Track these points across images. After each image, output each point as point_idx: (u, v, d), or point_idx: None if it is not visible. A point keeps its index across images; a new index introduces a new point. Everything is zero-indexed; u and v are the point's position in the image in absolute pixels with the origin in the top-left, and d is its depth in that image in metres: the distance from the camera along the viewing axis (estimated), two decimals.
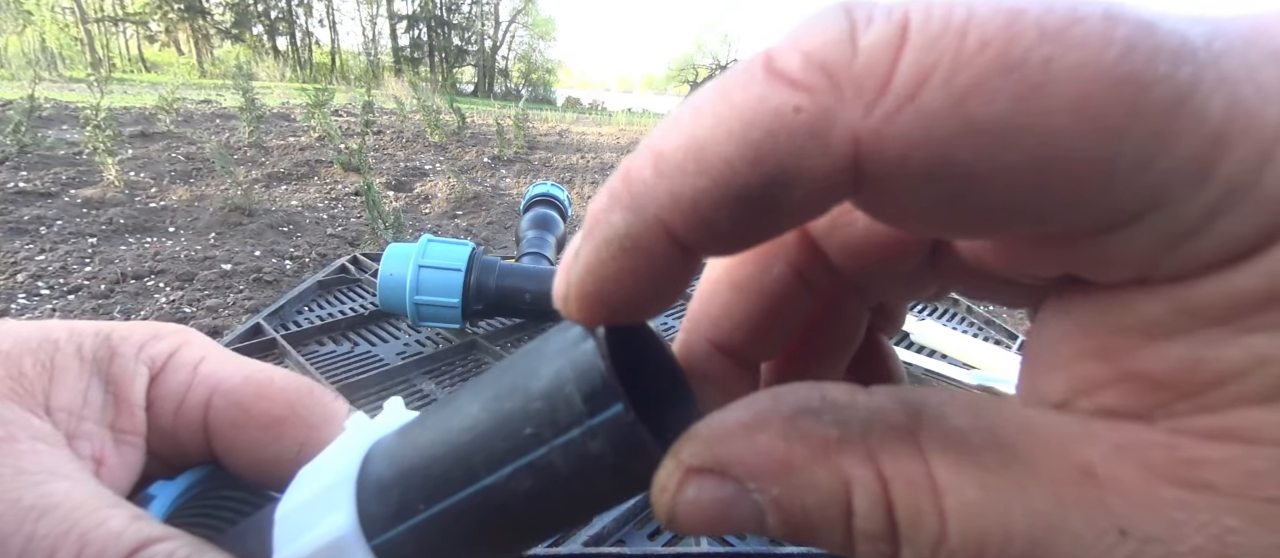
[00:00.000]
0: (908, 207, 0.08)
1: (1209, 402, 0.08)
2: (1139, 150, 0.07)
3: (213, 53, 23.02)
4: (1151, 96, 0.07)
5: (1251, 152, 0.07)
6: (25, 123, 3.96)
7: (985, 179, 0.08)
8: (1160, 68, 0.07)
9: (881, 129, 0.08)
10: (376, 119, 7.79)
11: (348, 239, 3.15)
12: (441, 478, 0.11)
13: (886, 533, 0.09)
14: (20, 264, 2.32)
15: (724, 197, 0.09)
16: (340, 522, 0.12)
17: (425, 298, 0.63)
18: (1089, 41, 0.07)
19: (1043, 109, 0.07)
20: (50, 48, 14.39)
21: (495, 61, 27.06)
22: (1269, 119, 0.07)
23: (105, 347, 0.16)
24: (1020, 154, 0.07)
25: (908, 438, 0.10)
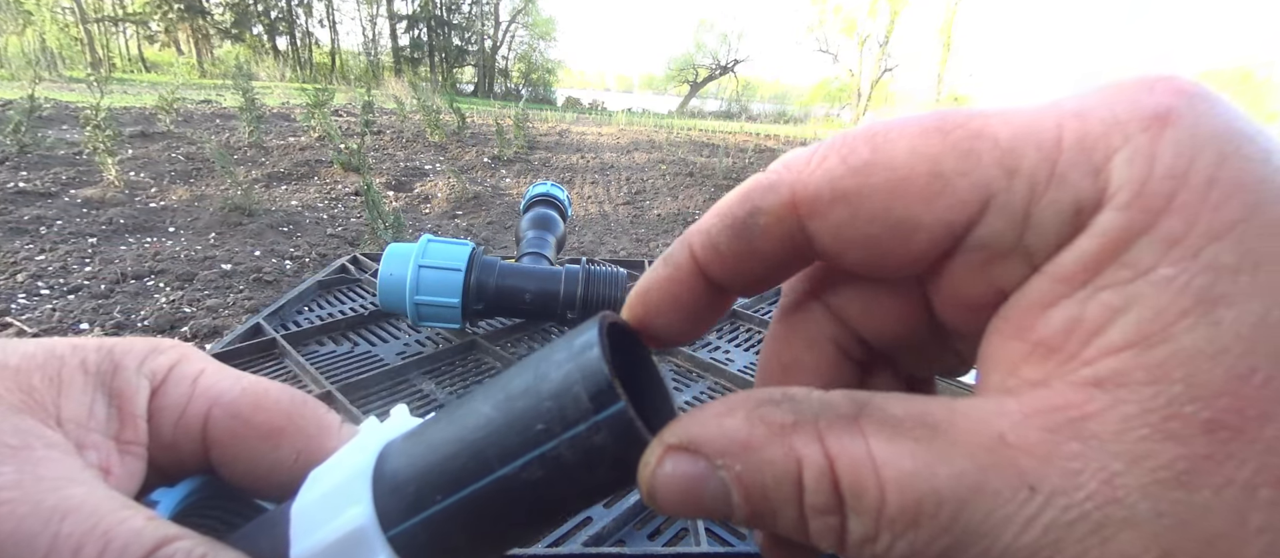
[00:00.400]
0: (837, 230, 0.12)
1: (1086, 357, 0.10)
2: (952, 167, 0.11)
3: (213, 53, 23.02)
4: (951, 139, 0.11)
5: (1040, 155, 0.11)
6: (25, 123, 3.96)
7: (866, 199, 0.12)
8: (955, 118, 0.11)
9: (804, 179, 0.12)
10: (376, 119, 7.79)
11: (348, 239, 3.15)
12: (457, 471, 0.12)
13: (833, 505, 0.11)
14: (20, 264, 2.32)
15: (723, 224, 0.13)
16: (360, 513, 0.13)
17: (425, 298, 0.63)
18: (908, 124, 0.12)
19: (885, 160, 0.12)
20: (50, 48, 14.38)
21: (495, 61, 27.05)
22: (1046, 127, 0.11)
23: (108, 361, 0.16)
24: (877, 184, 0.12)
25: (851, 423, 0.11)
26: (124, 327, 1.94)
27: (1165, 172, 0.10)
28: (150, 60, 21.97)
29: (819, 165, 0.12)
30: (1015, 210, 0.11)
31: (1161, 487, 0.09)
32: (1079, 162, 0.10)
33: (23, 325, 1.87)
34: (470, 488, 0.12)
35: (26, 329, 1.85)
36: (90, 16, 19.93)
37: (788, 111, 31.21)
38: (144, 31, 22.82)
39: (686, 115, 24.49)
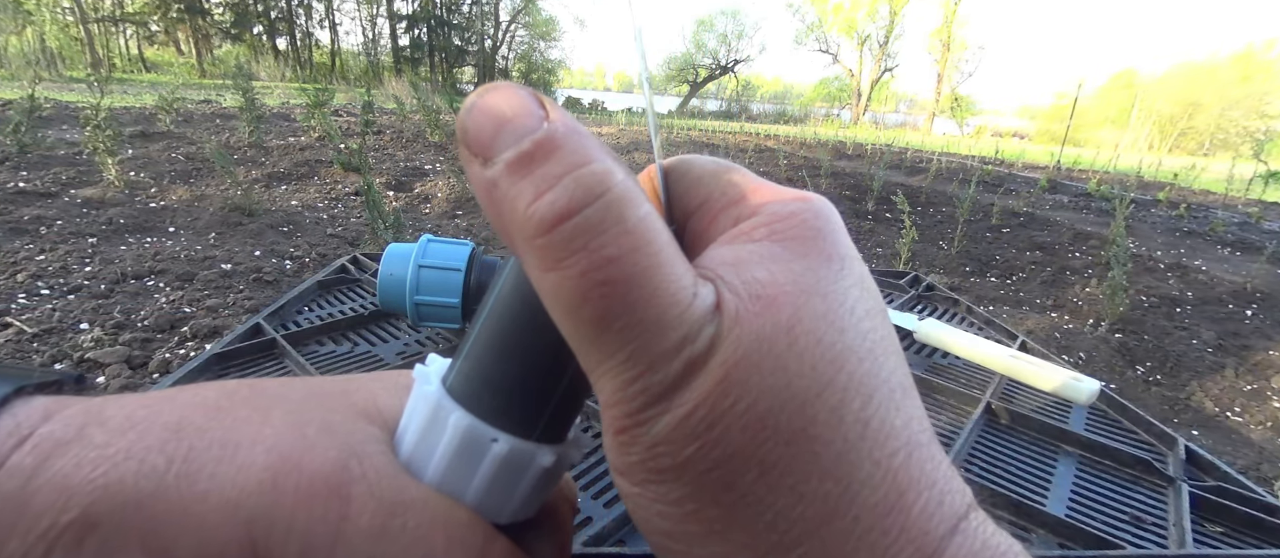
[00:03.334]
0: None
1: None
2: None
3: (213, 53, 23.00)
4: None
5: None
6: (25, 123, 3.96)
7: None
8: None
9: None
10: (376, 119, 7.78)
11: (348, 239, 3.15)
12: (472, 331, 0.17)
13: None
14: (20, 264, 2.31)
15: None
16: (421, 370, 0.18)
17: (425, 298, 0.63)
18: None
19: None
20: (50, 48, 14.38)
21: (495, 61, 27.03)
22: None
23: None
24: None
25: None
26: (124, 327, 1.94)
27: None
28: (150, 60, 21.95)
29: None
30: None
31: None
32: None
33: (23, 325, 1.87)
34: (481, 320, 0.17)
35: (26, 329, 1.85)
36: (90, 16, 19.91)
37: (788, 111, 31.17)
38: (144, 31, 22.80)
39: (686, 115, 24.46)
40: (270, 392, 0.17)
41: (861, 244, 4.08)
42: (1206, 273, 3.75)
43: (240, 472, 0.14)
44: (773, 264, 0.14)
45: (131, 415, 0.15)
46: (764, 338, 0.13)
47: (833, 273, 0.14)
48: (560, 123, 0.14)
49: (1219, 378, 2.40)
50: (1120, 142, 23.18)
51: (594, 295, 0.13)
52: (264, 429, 0.15)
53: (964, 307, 0.90)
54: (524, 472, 0.17)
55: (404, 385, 0.19)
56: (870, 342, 0.14)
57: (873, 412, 0.13)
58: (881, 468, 0.13)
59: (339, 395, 0.18)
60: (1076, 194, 6.94)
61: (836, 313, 0.14)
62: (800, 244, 0.15)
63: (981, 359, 0.69)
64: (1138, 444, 0.58)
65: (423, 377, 0.17)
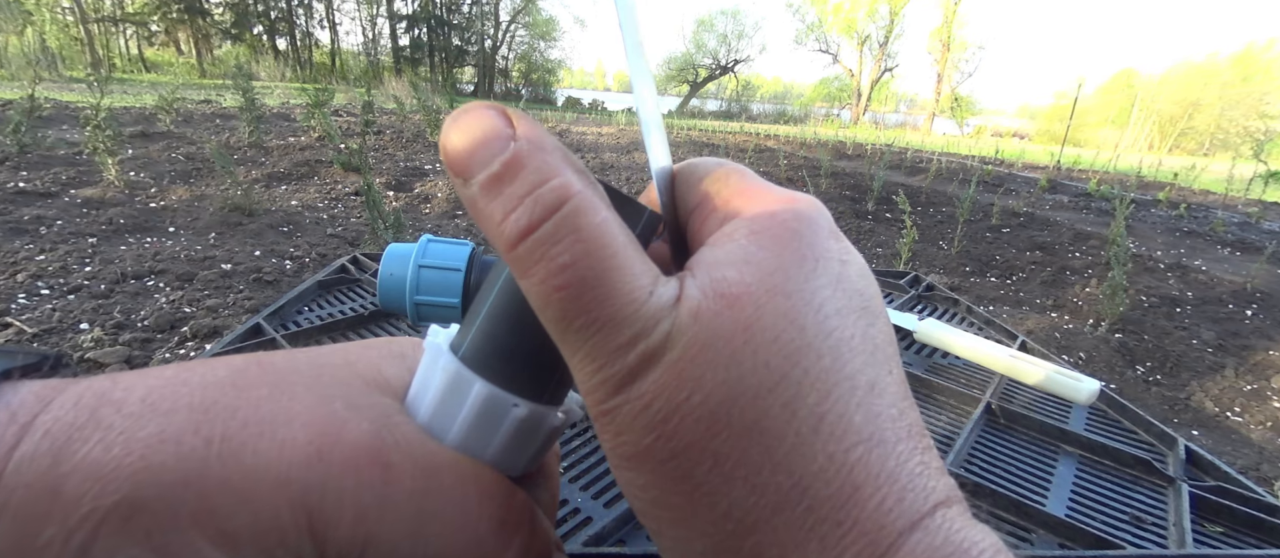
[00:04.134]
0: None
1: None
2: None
3: (213, 53, 23.00)
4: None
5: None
6: (25, 123, 3.96)
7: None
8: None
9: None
10: (376, 119, 7.78)
11: (348, 239, 3.15)
12: (482, 298, 0.18)
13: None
14: (20, 264, 2.31)
15: None
16: (437, 343, 0.19)
17: (425, 298, 0.63)
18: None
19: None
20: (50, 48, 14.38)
21: (495, 61, 27.03)
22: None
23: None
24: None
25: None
26: (124, 327, 1.94)
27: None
28: (150, 60, 21.95)
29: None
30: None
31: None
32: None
33: (23, 325, 1.87)
34: (493, 292, 0.18)
35: (26, 329, 1.85)
36: (90, 16, 19.92)
37: (788, 111, 31.17)
38: (144, 32, 22.80)
39: (686, 115, 24.45)
40: (280, 367, 0.17)
41: (862, 244, 4.08)
42: (1206, 273, 3.75)
43: (284, 448, 0.15)
44: (744, 264, 0.15)
45: (147, 397, 0.15)
46: (721, 334, 0.14)
47: (804, 273, 0.15)
48: (525, 142, 0.15)
49: (1219, 378, 2.40)
50: (1120, 142, 23.17)
51: (554, 299, 0.14)
52: (293, 406, 0.16)
53: (964, 307, 0.90)
54: (537, 432, 0.19)
55: (400, 353, 0.20)
56: (835, 339, 0.14)
57: (829, 407, 0.14)
58: (835, 462, 0.14)
59: (345, 368, 0.18)
60: (1076, 194, 6.94)
61: (799, 311, 0.14)
62: (776, 244, 0.15)
63: (981, 359, 0.69)
64: (1138, 444, 0.58)
65: (435, 349, 0.19)
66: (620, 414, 0.14)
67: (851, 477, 0.14)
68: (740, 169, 0.18)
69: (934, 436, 0.56)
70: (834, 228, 0.17)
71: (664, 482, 0.14)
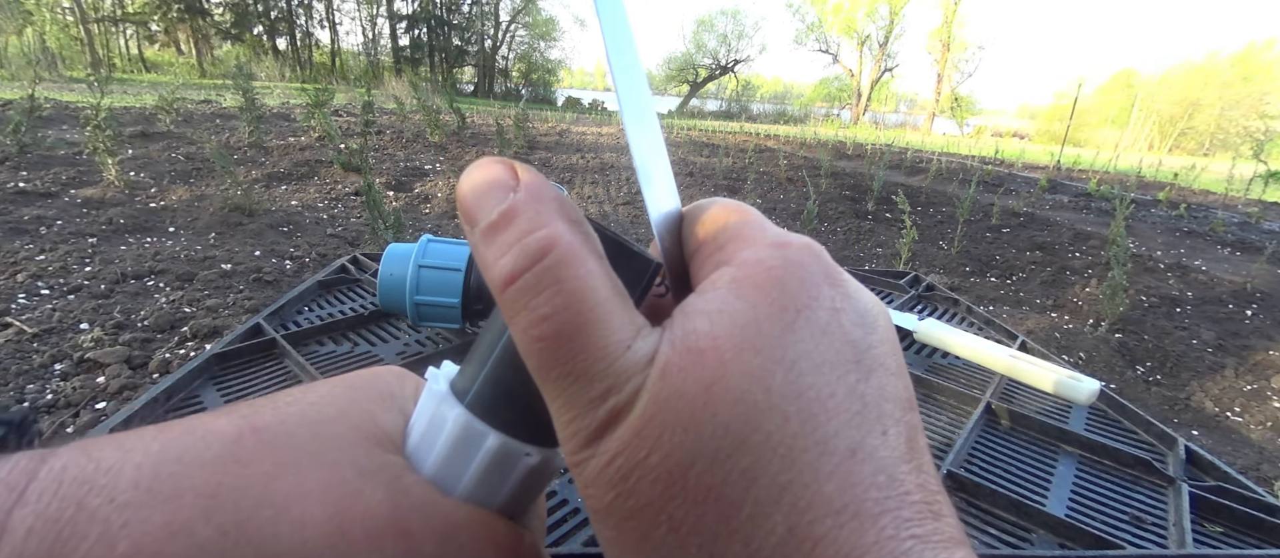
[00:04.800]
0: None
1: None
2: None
3: (213, 53, 23.00)
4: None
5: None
6: (25, 123, 3.96)
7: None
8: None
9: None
10: (376, 119, 7.78)
11: (348, 239, 3.15)
12: (490, 342, 0.18)
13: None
14: (20, 264, 2.31)
15: None
16: (441, 391, 0.18)
17: (425, 298, 0.63)
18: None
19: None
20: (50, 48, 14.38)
21: (495, 62, 27.03)
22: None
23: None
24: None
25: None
26: (124, 327, 1.94)
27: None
28: (150, 60, 21.95)
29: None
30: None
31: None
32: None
33: (22, 325, 1.87)
34: (503, 337, 0.17)
35: (26, 329, 1.85)
36: (90, 16, 19.92)
37: (788, 111, 31.17)
38: (144, 32, 22.80)
39: (686, 115, 24.46)
40: (277, 434, 0.17)
41: (862, 244, 4.08)
42: (1206, 273, 3.75)
43: (304, 528, 0.15)
44: (718, 316, 0.14)
45: (139, 482, 0.14)
46: (683, 393, 0.13)
47: (780, 325, 0.14)
48: (524, 192, 0.15)
49: (1219, 378, 2.40)
50: (1120, 142, 23.17)
51: (534, 348, 0.14)
52: (304, 481, 0.16)
53: (964, 307, 0.90)
54: (545, 476, 0.19)
55: (388, 394, 0.19)
56: (807, 399, 0.13)
57: (794, 475, 0.13)
58: (797, 536, 0.13)
59: (341, 423, 0.18)
60: (1076, 194, 6.94)
61: (767, 370, 0.13)
62: (755, 294, 0.14)
63: (981, 359, 0.69)
64: (1138, 444, 0.58)
65: (439, 397, 0.18)
66: (587, 468, 0.14)
67: (815, 553, 0.12)
68: (742, 209, 0.17)
69: (934, 436, 0.56)
70: (832, 273, 0.16)
71: (624, 539, 0.14)
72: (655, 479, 0.13)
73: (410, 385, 0.21)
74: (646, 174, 0.17)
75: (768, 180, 6.21)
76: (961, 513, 0.47)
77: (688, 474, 0.13)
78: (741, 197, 5.14)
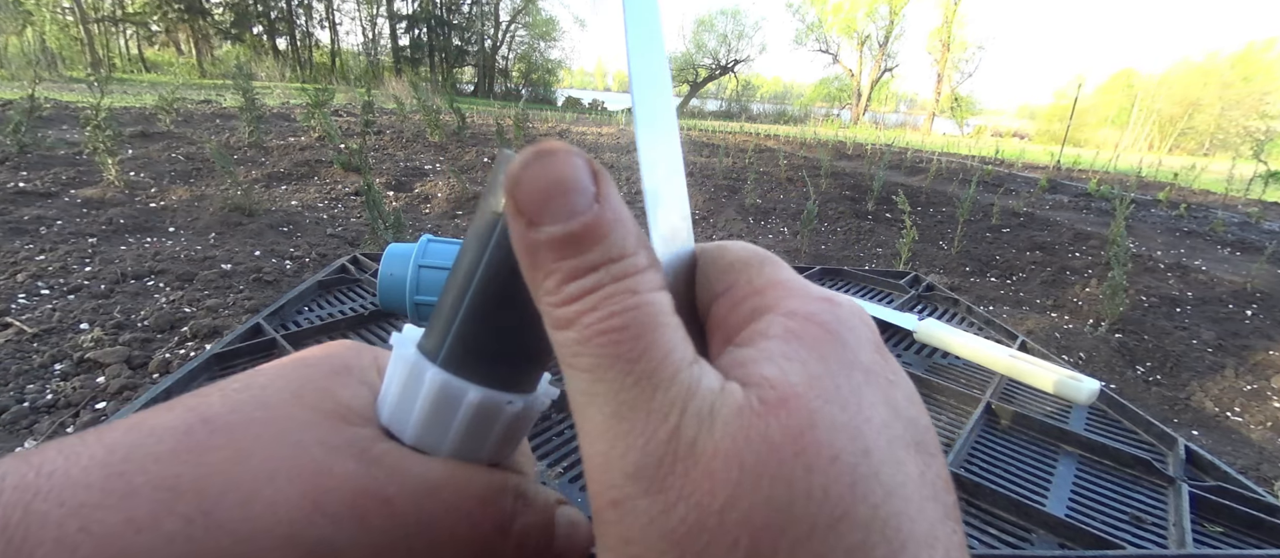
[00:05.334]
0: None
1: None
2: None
3: (213, 53, 23.00)
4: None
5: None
6: (25, 123, 3.96)
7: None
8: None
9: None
10: (376, 119, 7.78)
11: (348, 239, 3.15)
12: (457, 291, 0.17)
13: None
14: (20, 264, 2.31)
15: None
16: (408, 353, 0.18)
17: (425, 298, 0.63)
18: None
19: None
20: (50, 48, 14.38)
21: (495, 62, 27.03)
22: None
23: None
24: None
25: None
26: (124, 327, 1.94)
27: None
28: (150, 60, 21.96)
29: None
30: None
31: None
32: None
33: (22, 325, 1.87)
34: (469, 292, 0.17)
35: (26, 329, 1.85)
36: (90, 16, 19.92)
37: (788, 111, 31.18)
38: (144, 32, 22.80)
39: (686, 115, 24.47)
40: (231, 422, 0.16)
41: (862, 244, 4.08)
42: (1206, 273, 3.75)
43: (277, 507, 0.14)
44: (787, 364, 0.13)
45: (89, 483, 0.13)
46: (768, 439, 0.11)
47: (854, 383, 0.13)
48: (609, 209, 0.14)
49: (1219, 378, 2.40)
50: (1120, 141, 23.17)
51: (595, 343, 0.13)
52: (268, 462, 0.15)
53: (964, 307, 0.90)
54: (528, 418, 0.19)
55: (344, 366, 0.19)
56: (902, 477, 0.12)
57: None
58: None
59: (296, 403, 0.17)
60: (1076, 194, 6.94)
61: (861, 430, 0.12)
62: (819, 346, 0.13)
63: (981, 359, 0.69)
64: (1138, 444, 0.58)
65: (410, 360, 0.18)
66: (634, 518, 0.12)
67: None
68: (774, 258, 0.16)
69: None
70: (878, 341, 0.14)
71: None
72: (734, 544, 0.11)
73: (367, 356, 0.20)
74: (656, 197, 0.15)
75: (768, 180, 6.21)
76: (962, 513, 0.47)
77: (779, 543, 0.11)
78: (741, 196, 5.14)
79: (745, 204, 4.93)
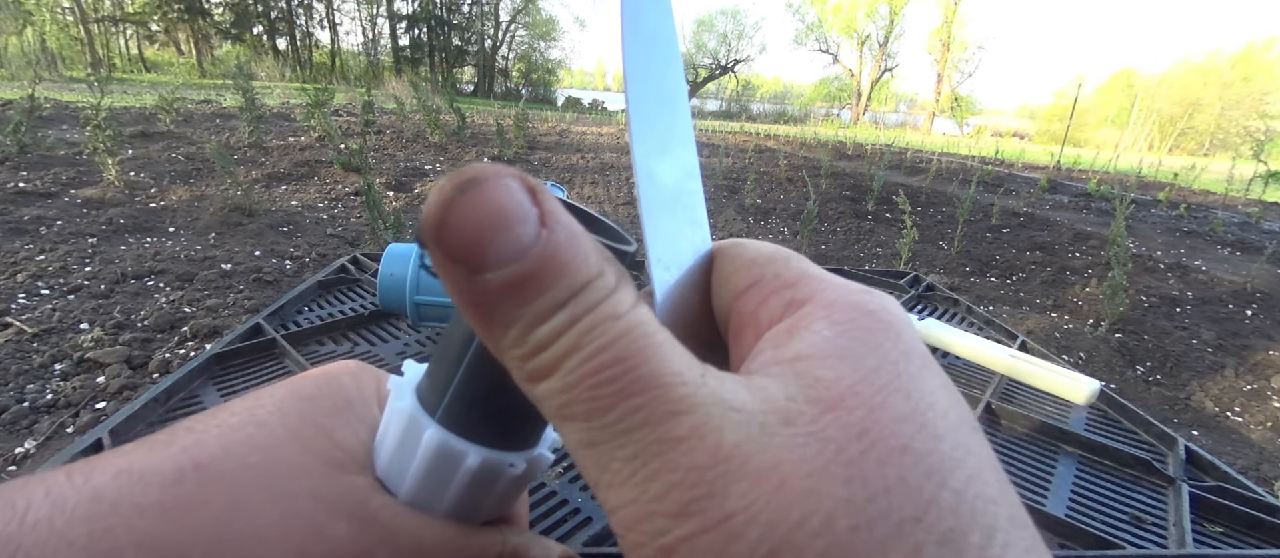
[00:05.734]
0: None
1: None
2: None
3: (213, 53, 23.01)
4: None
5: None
6: (25, 123, 3.96)
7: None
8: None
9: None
10: (376, 119, 7.78)
11: (348, 239, 3.15)
12: (458, 349, 0.16)
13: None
14: (20, 264, 2.32)
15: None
16: (406, 406, 0.17)
17: (425, 298, 0.63)
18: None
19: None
20: (50, 48, 14.38)
21: (495, 62, 27.04)
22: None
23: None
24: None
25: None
26: (124, 327, 1.94)
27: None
28: (150, 60, 21.96)
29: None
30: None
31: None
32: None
33: (22, 325, 1.87)
34: (472, 346, 0.16)
35: (26, 329, 1.85)
36: (90, 16, 19.92)
37: (788, 111, 31.18)
38: (144, 32, 22.81)
39: None
40: (224, 471, 0.15)
41: (862, 244, 4.09)
42: (1206, 273, 3.75)
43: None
44: (837, 360, 0.12)
45: (73, 538, 0.13)
46: (830, 441, 0.11)
47: (913, 368, 0.12)
48: (560, 230, 0.12)
49: (1219, 378, 2.40)
50: (1120, 141, 23.18)
51: (584, 386, 0.11)
52: (259, 520, 0.14)
53: (964, 307, 0.90)
54: (530, 477, 0.18)
55: (344, 403, 0.18)
56: (976, 460, 0.11)
57: (996, 551, 0.10)
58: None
59: (293, 445, 0.16)
60: (1076, 194, 6.95)
61: (927, 417, 0.11)
62: (870, 336, 0.12)
63: (981, 359, 0.69)
64: (1138, 444, 0.58)
65: (408, 414, 0.17)
66: (692, 551, 0.10)
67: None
68: (797, 253, 0.15)
69: None
70: (914, 329, 0.14)
71: None
72: (823, 554, 0.10)
73: (370, 385, 0.19)
74: (658, 206, 0.14)
75: (768, 180, 6.21)
76: None
77: (871, 542, 0.10)
78: (741, 196, 5.14)
79: (745, 204, 4.93)
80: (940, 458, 0.11)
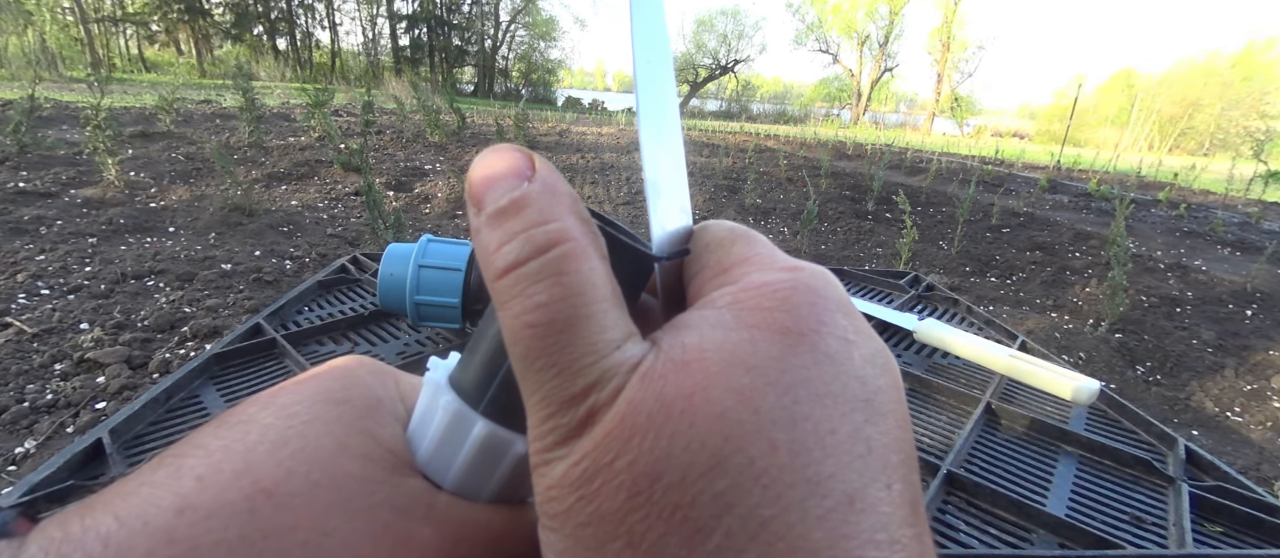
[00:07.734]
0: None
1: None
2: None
3: (213, 53, 23.01)
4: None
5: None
6: (25, 123, 3.96)
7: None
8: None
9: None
10: (376, 119, 7.78)
11: (348, 239, 3.15)
12: (498, 342, 0.17)
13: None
14: (20, 264, 2.31)
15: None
16: (450, 400, 0.17)
17: (425, 298, 0.63)
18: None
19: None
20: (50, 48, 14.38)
21: (495, 62, 27.03)
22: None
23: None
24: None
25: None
26: (124, 327, 1.94)
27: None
28: (150, 60, 21.96)
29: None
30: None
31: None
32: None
33: (23, 325, 1.87)
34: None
35: (26, 329, 1.85)
36: (90, 16, 19.92)
37: (788, 111, 31.19)
38: (144, 32, 22.80)
39: (687, 115, 24.47)
40: (285, 490, 0.15)
41: (862, 244, 4.08)
42: (1206, 273, 3.75)
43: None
44: (711, 330, 0.14)
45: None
46: (661, 399, 0.12)
47: (780, 347, 0.13)
48: (539, 183, 0.15)
49: (1219, 378, 2.40)
50: (1120, 142, 23.19)
51: (523, 334, 0.13)
52: (348, 542, 0.15)
53: (964, 307, 0.90)
54: None
55: (376, 401, 0.18)
56: (802, 431, 0.12)
57: (776, 513, 0.11)
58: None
59: (347, 456, 0.16)
60: (1076, 194, 6.94)
61: (757, 390, 0.12)
62: (755, 314, 0.14)
63: (981, 359, 0.69)
64: (1138, 444, 0.58)
65: (453, 410, 0.17)
66: (553, 470, 0.13)
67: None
68: (750, 235, 0.16)
69: (934, 436, 0.56)
70: (847, 305, 0.15)
71: (577, 548, 0.13)
72: (619, 486, 0.12)
73: (390, 384, 0.19)
74: (656, 187, 0.16)
75: (768, 180, 6.21)
76: (962, 513, 0.47)
77: (655, 487, 0.12)
78: (741, 196, 5.14)
79: (745, 204, 4.93)
80: (750, 429, 0.12)
